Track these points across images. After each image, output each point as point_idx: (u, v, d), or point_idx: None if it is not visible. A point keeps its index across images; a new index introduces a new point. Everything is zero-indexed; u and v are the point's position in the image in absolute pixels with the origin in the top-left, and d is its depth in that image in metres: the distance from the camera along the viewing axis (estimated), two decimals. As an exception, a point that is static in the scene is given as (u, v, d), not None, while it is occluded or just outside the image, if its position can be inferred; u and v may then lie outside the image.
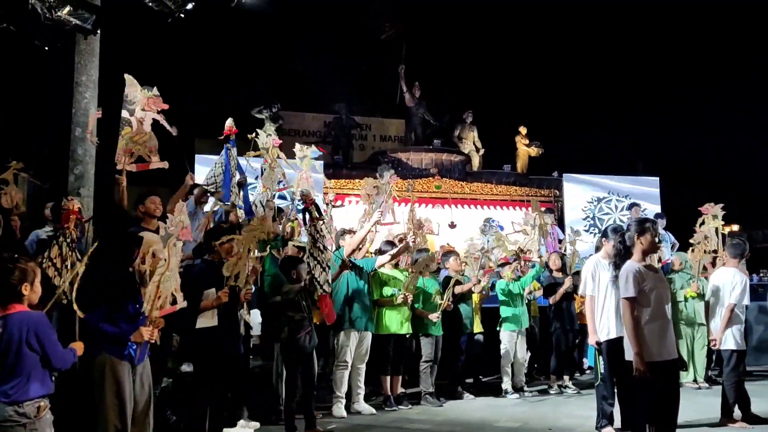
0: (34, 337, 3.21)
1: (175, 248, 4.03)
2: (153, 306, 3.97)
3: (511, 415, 6.38)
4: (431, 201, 13.28)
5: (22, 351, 3.18)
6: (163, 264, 3.96)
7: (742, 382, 5.75)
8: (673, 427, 3.96)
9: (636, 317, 3.98)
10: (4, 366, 3.16)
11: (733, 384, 5.68)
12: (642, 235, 4.15)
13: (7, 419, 3.11)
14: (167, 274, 3.97)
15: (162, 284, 3.97)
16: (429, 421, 6.18)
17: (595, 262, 5.61)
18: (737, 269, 5.89)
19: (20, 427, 3.12)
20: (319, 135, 16.15)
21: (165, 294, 4.02)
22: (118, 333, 3.97)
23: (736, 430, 5.54)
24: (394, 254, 6.79)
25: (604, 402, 5.50)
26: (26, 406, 3.15)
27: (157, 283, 3.95)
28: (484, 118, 15.96)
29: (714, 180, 17.38)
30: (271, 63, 15.75)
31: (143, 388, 4.17)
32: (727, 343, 5.74)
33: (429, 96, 15.49)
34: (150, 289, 3.95)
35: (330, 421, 6.12)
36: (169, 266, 3.98)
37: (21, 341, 3.18)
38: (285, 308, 5.61)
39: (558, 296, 7.78)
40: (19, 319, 3.21)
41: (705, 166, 17.52)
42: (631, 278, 4.04)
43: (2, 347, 3.16)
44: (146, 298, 3.97)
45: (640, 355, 3.92)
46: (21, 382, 3.17)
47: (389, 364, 6.92)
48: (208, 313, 5.02)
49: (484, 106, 16.29)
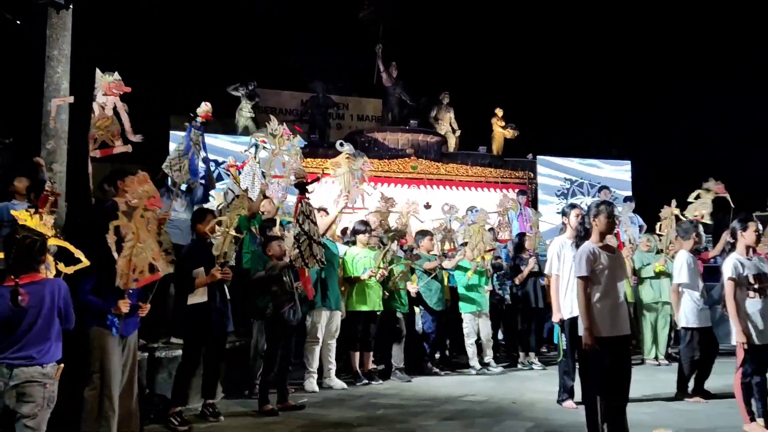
0: (63, 303, 3.50)
1: (144, 219, 4.04)
2: (128, 279, 4.02)
3: (477, 390, 6.58)
4: (407, 181, 13.40)
5: (53, 316, 3.45)
6: (131, 237, 3.99)
7: (697, 359, 5.99)
8: (623, 399, 4.16)
9: (587, 295, 4.16)
10: (32, 330, 3.38)
11: (688, 360, 5.93)
12: (596, 217, 4.32)
13: (30, 380, 3.35)
14: (140, 246, 4.00)
15: (135, 257, 4.01)
16: (398, 395, 6.36)
17: (560, 242, 5.79)
18: (683, 251, 6.12)
19: (40, 387, 3.38)
20: (296, 113, 16.11)
21: (141, 266, 4.07)
22: (99, 306, 4.08)
23: (690, 404, 5.80)
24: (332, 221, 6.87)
25: (566, 377, 5.74)
26: (48, 368, 3.42)
27: (128, 257, 3.99)
28: (460, 99, 16.03)
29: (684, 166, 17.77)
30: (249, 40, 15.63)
31: (129, 359, 4.33)
32: (683, 321, 5.98)
33: (406, 76, 15.51)
34: (121, 263, 3.99)
35: (302, 395, 6.26)
36: (139, 238, 4.00)
37: (53, 307, 3.44)
38: (269, 284, 5.73)
39: (523, 276, 7.99)
40: (52, 286, 3.47)
41: (675, 152, 17.85)
42: (584, 258, 4.22)
43: (32, 313, 3.38)
44: (118, 272, 4.02)
45: (589, 330, 4.11)
46: (47, 347, 3.43)
47: (359, 341, 7.08)
48: (198, 291, 5.23)
49: (461, 87, 16.36)
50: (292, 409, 5.63)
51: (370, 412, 5.58)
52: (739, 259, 4.88)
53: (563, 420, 5.18)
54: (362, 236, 7.27)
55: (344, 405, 5.89)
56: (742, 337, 4.72)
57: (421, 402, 6.01)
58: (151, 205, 4.08)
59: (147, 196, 4.06)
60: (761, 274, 4.85)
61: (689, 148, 17.87)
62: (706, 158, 17.76)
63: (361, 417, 5.36)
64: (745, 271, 4.83)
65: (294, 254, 5.74)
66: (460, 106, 15.95)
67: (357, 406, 5.85)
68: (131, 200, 4.03)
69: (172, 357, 5.56)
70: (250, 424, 5.16)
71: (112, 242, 3.96)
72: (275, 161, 6.75)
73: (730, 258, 4.94)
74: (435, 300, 7.72)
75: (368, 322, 7.12)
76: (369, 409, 5.68)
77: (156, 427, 4.97)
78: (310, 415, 5.50)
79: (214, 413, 5.25)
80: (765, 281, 4.85)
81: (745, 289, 4.81)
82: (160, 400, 5.34)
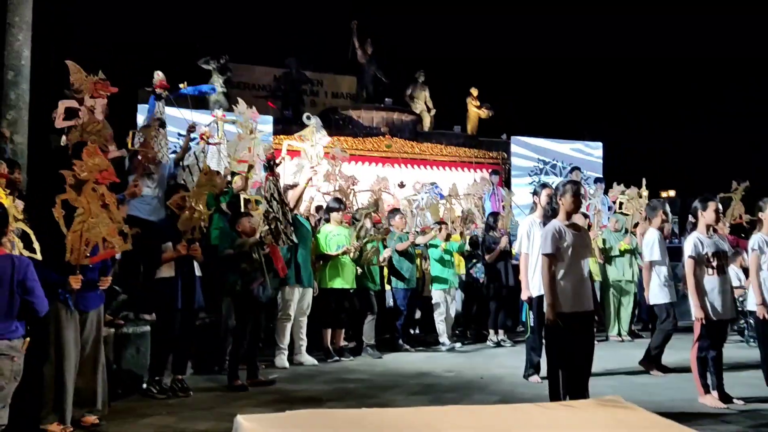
0: (23, 278, 3.46)
1: (95, 193, 3.96)
2: (79, 255, 3.96)
3: (446, 366, 6.67)
4: (381, 160, 13.38)
5: (14, 294, 3.43)
6: (82, 211, 3.91)
7: (670, 334, 6.12)
8: (585, 373, 4.27)
9: (552, 272, 4.24)
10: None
11: (662, 334, 6.06)
12: (563, 196, 4.39)
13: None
14: (92, 221, 3.92)
15: (86, 232, 3.94)
16: (368, 371, 6.42)
17: (530, 221, 5.85)
18: (652, 228, 6.25)
19: (8, 360, 3.43)
20: (269, 89, 15.90)
21: (94, 241, 4.01)
22: (53, 281, 4.01)
23: (649, 377, 5.96)
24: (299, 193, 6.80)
25: (533, 352, 5.85)
26: (15, 342, 3.49)
27: (79, 232, 3.91)
28: (436, 78, 16.00)
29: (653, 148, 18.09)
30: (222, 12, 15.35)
31: (91, 334, 4.27)
32: (655, 298, 6.11)
33: (381, 54, 15.41)
34: (71, 238, 3.92)
35: (272, 371, 6.29)
36: (91, 213, 3.92)
37: (13, 283, 3.41)
38: (238, 260, 5.71)
39: (495, 255, 8.08)
40: (12, 261, 3.43)
41: (646, 135, 18.12)
42: (549, 236, 4.30)
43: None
44: (68, 247, 3.94)
45: (552, 306, 4.21)
46: (13, 324, 3.48)
47: (331, 318, 7.12)
48: (166, 265, 5.23)
49: (437, 66, 16.33)
50: (261, 384, 5.66)
51: (340, 387, 5.63)
52: (699, 238, 5.00)
53: (529, 393, 5.28)
54: (336, 214, 7.27)
55: (314, 380, 5.93)
56: (699, 313, 4.86)
57: (391, 377, 6.08)
58: (103, 179, 3.98)
59: (98, 169, 3.96)
60: (720, 252, 4.98)
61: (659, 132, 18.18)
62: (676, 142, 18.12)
63: (331, 392, 5.41)
64: (704, 249, 4.95)
65: (264, 230, 5.72)
66: (436, 85, 15.92)
67: (327, 381, 5.89)
68: (80, 173, 3.92)
69: (140, 333, 5.52)
70: (219, 399, 5.17)
71: (59, 216, 3.86)
72: (241, 145, 6.70)
73: (691, 237, 5.06)
74: (407, 278, 7.79)
75: (341, 299, 7.15)
76: (338, 385, 5.73)
77: (123, 404, 4.93)
78: (280, 390, 5.53)
79: (183, 388, 5.23)
80: (723, 259, 4.99)
81: (704, 267, 4.94)
82: (127, 375, 5.32)
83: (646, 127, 18.28)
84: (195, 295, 5.36)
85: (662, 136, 18.07)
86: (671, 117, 18.60)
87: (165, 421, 4.40)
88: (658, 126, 18.66)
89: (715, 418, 4.54)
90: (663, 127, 18.51)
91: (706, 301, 4.88)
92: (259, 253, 5.78)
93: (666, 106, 18.66)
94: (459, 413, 2.38)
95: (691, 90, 18.16)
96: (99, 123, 4.99)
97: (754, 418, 4.52)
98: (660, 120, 18.79)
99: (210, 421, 4.38)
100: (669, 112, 18.61)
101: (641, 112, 18.50)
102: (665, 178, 15.67)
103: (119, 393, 5.06)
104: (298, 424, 2.04)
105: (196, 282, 5.38)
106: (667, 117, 18.65)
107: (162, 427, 4.26)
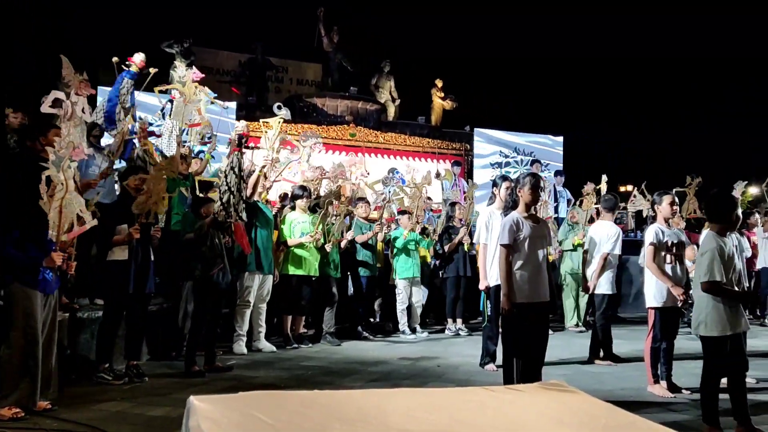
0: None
1: (70, 170, 3.98)
2: (60, 230, 3.95)
3: (404, 353, 6.76)
4: (345, 149, 13.36)
5: None
6: (61, 188, 3.90)
7: (610, 324, 6.35)
8: (538, 362, 4.38)
9: (509, 262, 4.35)
10: None
11: (602, 325, 6.27)
12: (522, 189, 4.49)
13: None
14: (68, 197, 3.95)
15: (65, 208, 3.95)
16: (326, 358, 6.45)
17: (489, 212, 5.94)
18: (611, 222, 6.45)
19: None
20: (234, 74, 15.69)
21: (70, 217, 4.02)
22: (28, 260, 3.94)
23: (601, 367, 6.15)
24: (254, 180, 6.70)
25: (489, 341, 5.96)
26: None
27: (59, 208, 3.92)
28: (401, 68, 16.02)
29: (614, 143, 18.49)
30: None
31: (48, 318, 4.22)
32: (600, 288, 6.31)
33: (347, 43, 15.34)
34: (53, 215, 3.93)
35: (230, 357, 6.27)
36: (68, 189, 3.94)
37: None
38: (198, 245, 5.65)
39: (453, 244, 8.19)
40: None
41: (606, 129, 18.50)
42: (507, 227, 4.39)
43: None
44: (51, 223, 3.95)
45: (507, 296, 4.31)
46: None
47: (291, 305, 7.12)
48: (118, 248, 5.14)
49: (402, 56, 16.34)
50: (219, 370, 5.64)
51: (298, 373, 5.66)
52: (659, 227, 5.20)
53: (484, 381, 5.38)
54: (300, 201, 7.26)
55: (272, 367, 5.94)
56: (678, 290, 5.00)
57: (349, 365, 6.13)
58: (75, 156, 4.05)
59: (72, 146, 4.04)
60: (679, 242, 5.18)
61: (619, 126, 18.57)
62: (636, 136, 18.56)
63: (288, 378, 5.43)
64: (665, 237, 5.14)
65: (216, 207, 5.70)
66: (401, 75, 15.95)
67: (285, 368, 5.91)
68: (59, 150, 3.95)
69: (94, 318, 5.44)
70: (176, 385, 5.13)
71: (44, 192, 3.88)
72: (187, 110, 6.62)
73: (652, 227, 5.29)
74: (370, 264, 7.85)
75: (301, 286, 7.16)
76: (297, 371, 5.75)
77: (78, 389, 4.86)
78: (237, 376, 5.52)
79: (138, 374, 5.18)
80: (681, 249, 5.19)
81: (663, 254, 5.12)
82: (82, 360, 5.24)
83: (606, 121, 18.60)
84: (148, 280, 5.29)
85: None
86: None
87: (119, 407, 4.35)
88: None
89: (662, 406, 4.71)
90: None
91: (667, 285, 5.03)
92: (219, 238, 5.75)
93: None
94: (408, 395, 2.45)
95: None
96: (79, 119, 4.96)
97: (698, 408, 4.66)
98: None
99: (165, 407, 4.35)
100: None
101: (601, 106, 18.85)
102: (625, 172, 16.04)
103: (73, 378, 4.99)
104: (251, 405, 2.06)
105: (150, 267, 5.32)
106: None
107: (116, 413, 4.21)
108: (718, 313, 3.90)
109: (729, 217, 4.08)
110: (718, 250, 3.90)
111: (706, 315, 3.93)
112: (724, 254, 3.92)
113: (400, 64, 16.01)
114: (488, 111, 16.55)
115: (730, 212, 4.09)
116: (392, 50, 16.21)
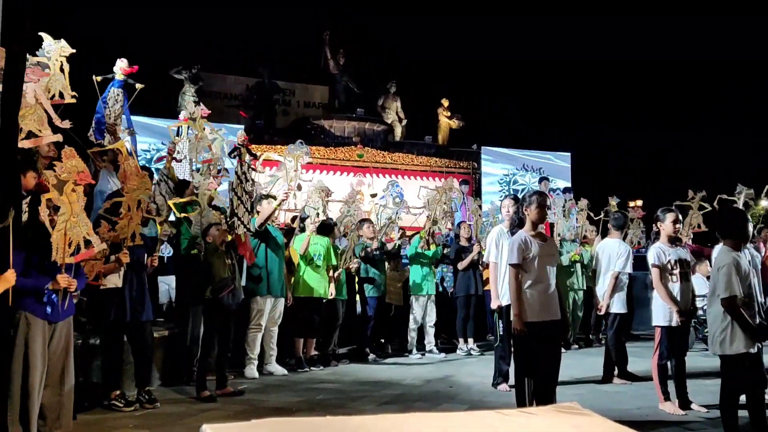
0: None
1: (75, 194, 3.97)
2: (64, 254, 3.94)
3: (416, 374, 6.71)
4: (353, 169, 13.41)
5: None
6: (64, 211, 3.91)
7: (624, 343, 6.29)
8: (551, 381, 4.34)
9: (518, 282, 4.33)
10: None
11: (615, 345, 6.21)
12: (528, 207, 4.48)
13: None
14: (73, 220, 3.94)
15: (69, 231, 3.94)
16: (338, 381, 6.42)
17: (498, 231, 5.93)
18: (620, 240, 6.42)
19: None
20: (241, 98, 15.83)
21: (76, 240, 4.00)
22: (33, 285, 3.92)
23: (616, 386, 6.08)
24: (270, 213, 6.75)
25: (502, 361, 5.92)
26: None
27: (62, 231, 3.91)
28: (407, 89, 16.14)
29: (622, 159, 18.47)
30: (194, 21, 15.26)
31: (60, 346, 4.09)
32: (613, 308, 6.25)
33: (353, 65, 15.49)
34: (56, 237, 3.91)
35: (242, 381, 6.25)
36: (73, 212, 3.93)
37: None
38: (208, 267, 5.67)
39: (465, 263, 8.15)
40: None
41: (614, 144, 18.47)
42: (515, 247, 4.38)
43: None
44: (54, 246, 3.93)
45: (518, 316, 4.28)
46: None
47: (303, 327, 7.10)
48: (114, 275, 5.03)
49: (408, 77, 16.46)
50: (230, 395, 5.61)
51: (310, 397, 5.62)
52: (661, 248, 5.17)
53: (497, 402, 5.33)
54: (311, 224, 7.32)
55: (284, 391, 5.91)
56: (679, 318, 4.97)
57: (361, 387, 6.09)
58: (81, 180, 4.00)
59: (76, 170, 3.98)
60: (682, 260, 5.13)
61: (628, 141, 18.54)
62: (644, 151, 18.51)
63: (301, 402, 5.39)
64: (667, 257, 5.10)
65: (223, 218, 5.74)
66: (408, 95, 16.06)
67: (297, 391, 5.88)
68: (60, 174, 3.93)
69: (106, 344, 5.43)
70: (187, 410, 5.12)
71: (44, 215, 3.85)
72: (200, 146, 6.68)
73: (653, 247, 5.24)
74: (375, 286, 7.84)
75: (313, 308, 7.15)
76: (309, 395, 5.72)
77: (90, 417, 4.84)
78: (249, 400, 5.49)
79: (150, 400, 5.16)
80: (686, 267, 5.15)
81: (668, 274, 5.08)
82: (94, 387, 5.23)
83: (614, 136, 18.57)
84: (144, 307, 5.24)
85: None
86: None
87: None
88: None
89: (680, 425, 4.65)
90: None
91: (673, 309, 5.00)
92: (232, 259, 5.75)
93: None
94: (420, 420, 2.43)
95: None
96: (31, 108, 4.85)
97: (716, 426, 4.61)
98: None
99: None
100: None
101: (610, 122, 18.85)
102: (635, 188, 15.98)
103: (85, 405, 4.97)
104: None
105: (145, 293, 5.27)
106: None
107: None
108: (737, 330, 3.86)
109: (741, 232, 4.07)
110: (735, 264, 3.88)
111: (724, 332, 3.89)
112: (740, 268, 3.90)
113: (407, 85, 16.11)
114: (495, 128, 16.57)
115: (742, 227, 4.07)
116: (398, 71, 16.35)
